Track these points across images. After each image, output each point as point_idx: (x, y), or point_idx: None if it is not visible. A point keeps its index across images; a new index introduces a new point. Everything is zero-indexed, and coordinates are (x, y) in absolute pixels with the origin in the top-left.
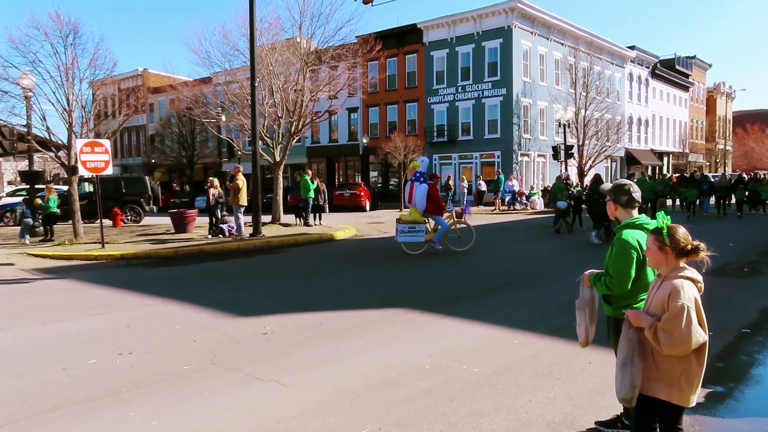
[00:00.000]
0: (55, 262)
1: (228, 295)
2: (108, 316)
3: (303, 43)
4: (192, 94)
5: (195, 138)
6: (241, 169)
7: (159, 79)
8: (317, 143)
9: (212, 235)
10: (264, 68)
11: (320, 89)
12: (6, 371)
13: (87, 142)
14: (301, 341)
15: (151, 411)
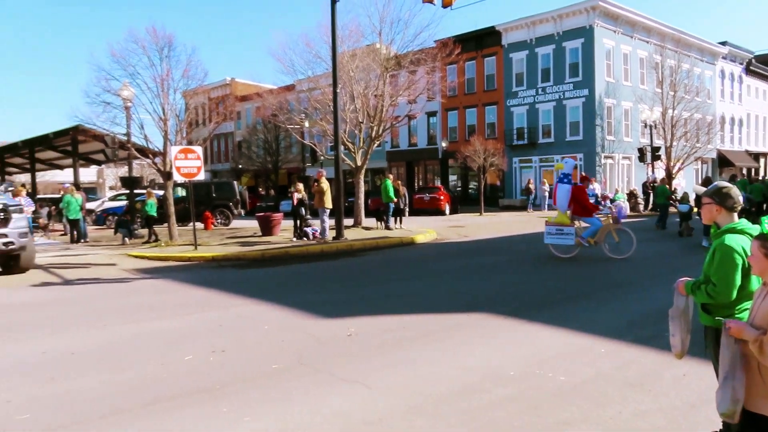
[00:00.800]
0: (152, 263)
1: (312, 296)
2: (201, 315)
3: (383, 49)
4: (276, 101)
5: (279, 144)
6: (325, 173)
7: (246, 88)
8: (397, 147)
9: (297, 238)
10: (345, 75)
11: (400, 94)
12: (109, 366)
13: (181, 148)
14: (385, 344)
15: (242, 408)
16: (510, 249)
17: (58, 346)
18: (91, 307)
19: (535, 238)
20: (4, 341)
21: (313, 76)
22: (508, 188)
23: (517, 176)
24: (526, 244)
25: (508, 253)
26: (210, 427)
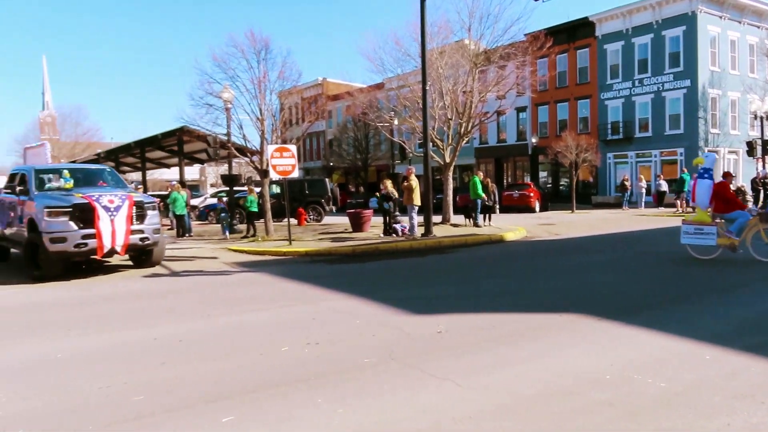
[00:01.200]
0: (250, 256)
1: (402, 292)
2: (296, 308)
3: (471, 44)
4: (366, 100)
5: (369, 141)
6: (414, 170)
7: (337, 87)
8: (485, 144)
9: (385, 235)
10: (434, 72)
11: (489, 90)
12: (212, 354)
13: (276, 147)
14: (475, 342)
15: (336, 400)
16: (605, 248)
17: (168, 333)
18: (195, 298)
19: (631, 237)
20: (119, 328)
21: (402, 74)
22: (602, 185)
23: (612, 172)
24: (622, 243)
25: (602, 253)
26: (306, 417)
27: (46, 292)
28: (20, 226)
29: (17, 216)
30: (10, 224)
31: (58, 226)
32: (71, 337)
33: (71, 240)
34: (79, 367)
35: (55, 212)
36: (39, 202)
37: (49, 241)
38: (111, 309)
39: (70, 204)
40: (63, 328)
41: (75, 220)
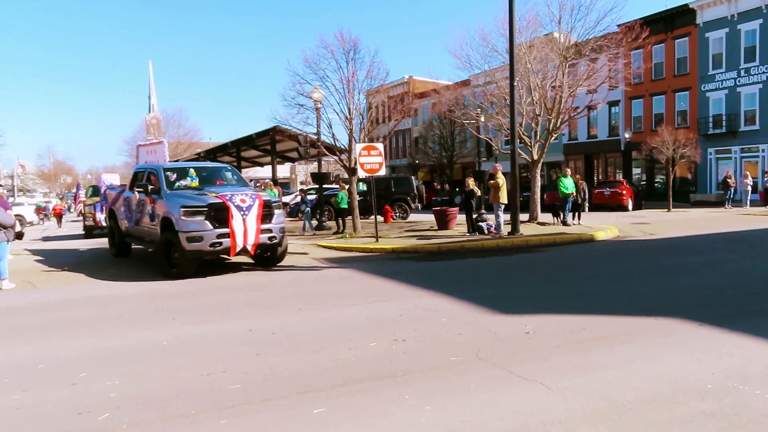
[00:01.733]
0: (338, 252)
1: (488, 291)
2: (383, 305)
3: (561, 38)
4: (452, 97)
5: (454, 139)
6: (500, 168)
7: (423, 85)
8: (575, 140)
9: (471, 233)
10: (522, 67)
11: (579, 84)
12: (304, 347)
13: (364, 146)
14: (564, 344)
15: (423, 397)
16: (705, 249)
17: (262, 325)
18: (287, 292)
19: (735, 237)
20: (218, 320)
21: (489, 70)
22: (702, 182)
23: (713, 169)
24: (724, 243)
25: (702, 254)
26: (394, 412)
27: (155, 285)
28: (151, 225)
29: (148, 214)
30: (138, 222)
31: (195, 225)
32: (175, 327)
33: (207, 239)
34: (182, 354)
35: (191, 212)
36: (174, 202)
37: (185, 240)
38: (210, 301)
39: (205, 204)
40: (168, 318)
41: (210, 220)
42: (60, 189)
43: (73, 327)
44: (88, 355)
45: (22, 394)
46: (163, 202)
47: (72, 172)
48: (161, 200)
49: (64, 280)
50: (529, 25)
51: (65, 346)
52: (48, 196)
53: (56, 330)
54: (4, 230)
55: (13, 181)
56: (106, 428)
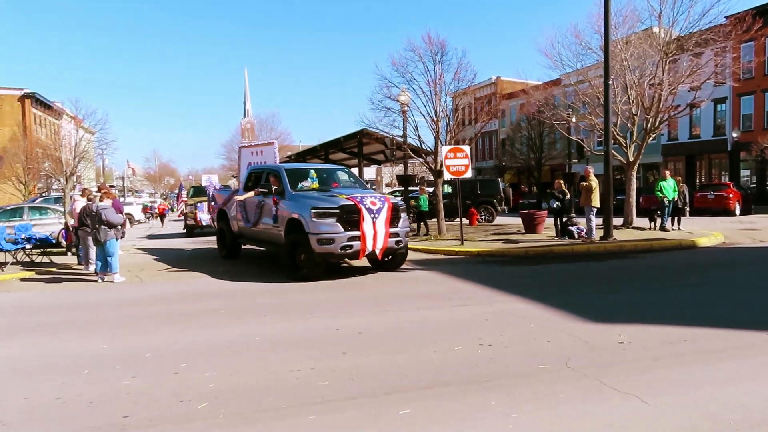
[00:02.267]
0: (423, 255)
1: (578, 298)
2: (468, 308)
3: (661, 32)
4: (542, 97)
5: (543, 140)
6: (592, 169)
7: (511, 85)
8: (674, 140)
9: (560, 237)
10: (618, 64)
11: (681, 81)
12: (389, 347)
13: (450, 148)
14: (662, 357)
15: (509, 404)
16: None
17: (348, 324)
18: (372, 293)
19: None
20: (306, 318)
21: (581, 68)
22: None
23: None
24: None
25: None
26: (480, 418)
27: (250, 284)
28: (273, 226)
29: (270, 215)
30: (256, 223)
31: (326, 227)
32: (267, 323)
33: (338, 242)
34: (274, 350)
35: (322, 213)
36: (302, 203)
37: (316, 242)
38: (299, 299)
39: (337, 206)
40: (260, 314)
41: (341, 222)
42: (164, 190)
43: (174, 319)
44: (189, 346)
45: (131, 380)
46: (289, 203)
47: (174, 174)
48: (286, 201)
49: (169, 276)
50: (626, 20)
51: (168, 338)
52: (153, 196)
53: (160, 322)
54: (114, 228)
55: (123, 183)
56: (204, 417)
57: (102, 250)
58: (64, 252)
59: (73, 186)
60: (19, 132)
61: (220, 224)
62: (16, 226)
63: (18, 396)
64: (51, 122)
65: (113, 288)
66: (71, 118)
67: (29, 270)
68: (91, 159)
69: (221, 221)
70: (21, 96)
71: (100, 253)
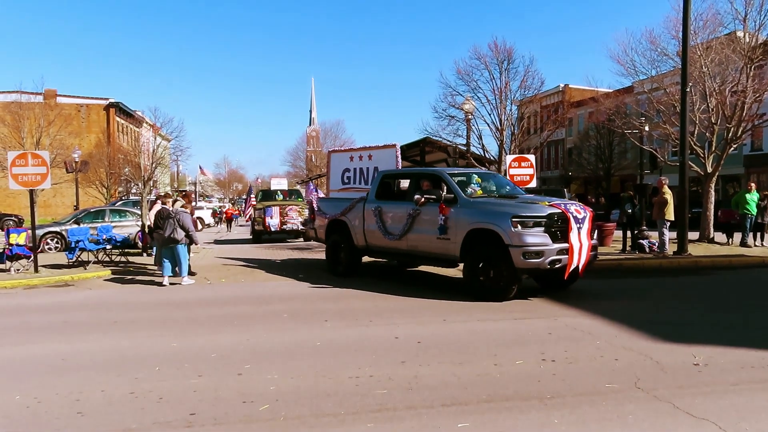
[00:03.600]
0: None
1: (649, 315)
2: (531, 321)
3: (746, 37)
4: (613, 105)
5: (612, 150)
6: (666, 181)
7: (579, 93)
8: (759, 150)
9: (630, 250)
10: (696, 70)
11: (767, 88)
12: (448, 358)
13: (515, 157)
14: (742, 381)
15: (574, 423)
16: None
17: (408, 333)
18: (432, 302)
19: None
20: (365, 325)
21: (656, 75)
22: None
23: None
24: None
25: None
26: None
27: (309, 288)
28: (442, 238)
29: (436, 225)
30: (403, 235)
31: (533, 238)
32: (327, 329)
33: (547, 255)
34: (334, 356)
35: (527, 223)
36: (493, 211)
37: (520, 256)
38: (359, 305)
39: (545, 214)
40: (320, 319)
41: (549, 233)
42: (233, 195)
43: (239, 321)
44: (252, 348)
45: (197, 379)
46: (467, 210)
47: (243, 180)
48: (462, 209)
49: (238, 278)
50: (707, 24)
51: (232, 339)
52: (222, 201)
53: (225, 324)
54: (187, 234)
55: (195, 188)
56: (266, 418)
57: (172, 254)
58: (140, 253)
59: (150, 190)
60: (104, 139)
61: (332, 237)
62: (99, 227)
63: (95, 389)
64: (132, 130)
65: (180, 290)
66: (150, 126)
67: (109, 269)
68: (167, 165)
69: (334, 234)
70: (106, 105)
71: (170, 257)
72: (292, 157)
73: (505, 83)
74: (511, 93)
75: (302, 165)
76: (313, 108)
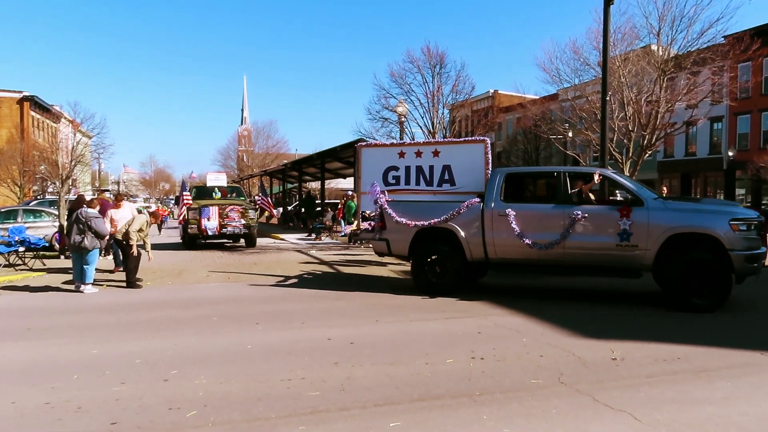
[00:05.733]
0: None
1: (571, 313)
2: (461, 321)
3: (659, 50)
4: (539, 111)
5: (539, 154)
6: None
7: (508, 99)
8: (670, 157)
9: None
10: (615, 80)
11: (678, 99)
12: (381, 359)
13: None
14: (656, 374)
15: (502, 418)
16: None
17: (341, 334)
18: (365, 302)
19: None
20: (298, 327)
21: (579, 83)
22: None
23: None
24: None
25: None
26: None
27: (240, 288)
28: (623, 245)
29: (615, 232)
30: (559, 242)
31: (753, 242)
32: (259, 332)
33: (762, 260)
34: (265, 359)
35: (747, 225)
36: (702, 214)
37: (743, 261)
38: (291, 308)
39: (756, 216)
40: (252, 322)
41: (759, 236)
42: (159, 194)
43: (166, 326)
44: (180, 353)
45: (120, 386)
46: (663, 214)
47: (170, 179)
48: (654, 212)
49: (165, 281)
50: (625, 37)
51: (159, 344)
52: (148, 201)
53: (151, 329)
54: (100, 239)
55: (119, 187)
56: (194, 425)
57: (80, 259)
58: (57, 255)
59: (69, 189)
60: (17, 134)
61: (427, 249)
62: (10, 228)
63: (6, 401)
64: (49, 125)
65: (105, 294)
66: (69, 121)
67: (22, 272)
68: (88, 163)
69: (428, 244)
70: (20, 99)
71: (77, 262)
72: (222, 157)
73: (438, 87)
74: (443, 97)
75: (233, 165)
76: (245, 107)
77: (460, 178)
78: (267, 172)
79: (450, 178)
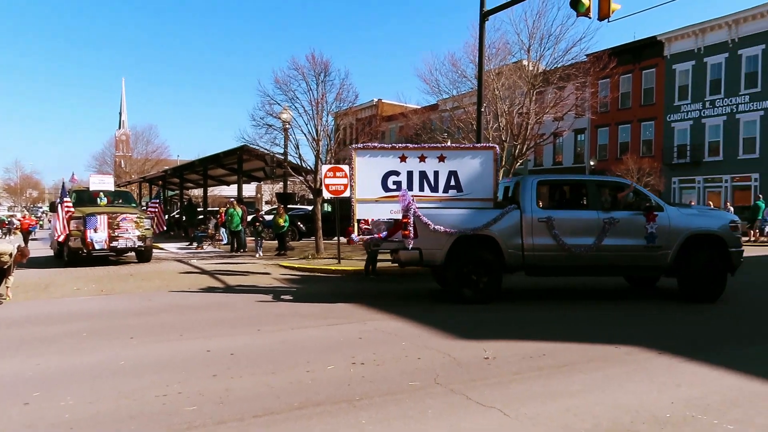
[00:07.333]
0: (301, 273)
1: (446, 315)
2: (342, 327)
3: (530, 65)
4: (420, 121)
5: None
6: None
7: (391, 108)
8: (540, 166)
9: None
10: (490, 93)
11: (546, 111)
12: (262, 369)
13: (330, 167)
14: (523, 371)
15: (381, 422)
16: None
17: (220, 346)
18: (246, 313)
19: None
20: (176, 339)
21: (457, 95)
22: None
23: (676, 198)
24: None
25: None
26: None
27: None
28: (650, 247)
29: (642, 234)
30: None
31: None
32: (133, 346)
33: None
34: (139, 374)
35: (737, 227)
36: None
37: (739, 258)
38: (170, 319)
39: (738, 219)
40: (126, 336)
41: None
42: (26, 202)
43: (28, 344)
44: (42, 373)
45: None
46: (680, 217)
47: (39, 186)
48: (672, 217)
49: (29, 295)
50: (499, 52)
51: (18, 366)
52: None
53: (9, 348)
54: None
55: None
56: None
57: None
58: None
59: None
60: None
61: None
62: None
63: None
64: None
65: None
66: None
67: None
68: None
69: (467, 252)
70: None
71: None
72: (98, 162)
73: (322, 95)
74: (327, 104)
75: (110, 171)
76: (124, 110)
77: (468, 184)
78: (146, 178)
79: (456, 184)
